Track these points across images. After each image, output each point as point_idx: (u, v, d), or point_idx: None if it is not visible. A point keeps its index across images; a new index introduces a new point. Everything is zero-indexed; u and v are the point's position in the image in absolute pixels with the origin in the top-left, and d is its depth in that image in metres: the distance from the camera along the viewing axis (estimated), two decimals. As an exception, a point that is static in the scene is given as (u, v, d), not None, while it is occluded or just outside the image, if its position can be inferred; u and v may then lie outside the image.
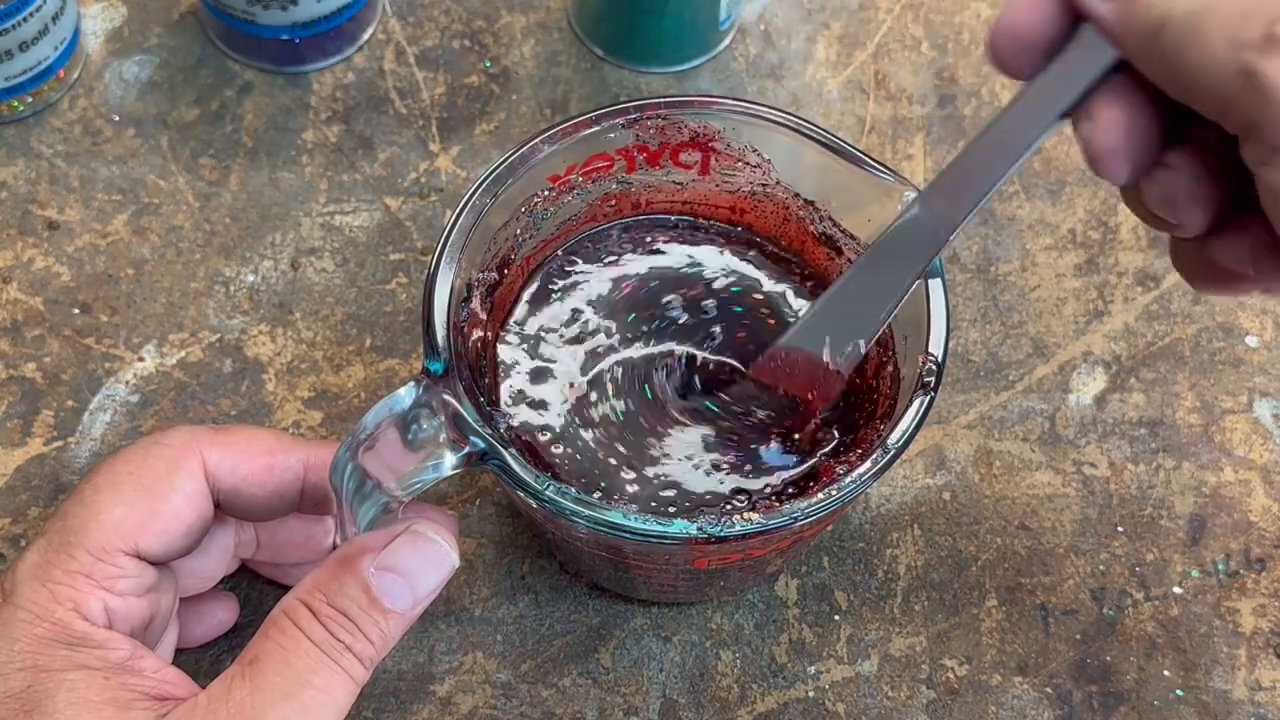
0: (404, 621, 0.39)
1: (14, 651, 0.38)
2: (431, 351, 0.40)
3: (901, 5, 0.61)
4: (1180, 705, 0.48)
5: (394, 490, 0.38)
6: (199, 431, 0.42)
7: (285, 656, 0.37)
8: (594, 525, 0.38)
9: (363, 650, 0.38)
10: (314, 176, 0.57)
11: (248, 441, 0.42)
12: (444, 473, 0.39)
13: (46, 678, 0.37)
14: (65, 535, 0.39)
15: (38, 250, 0.55)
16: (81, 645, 0.38)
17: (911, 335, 0.42)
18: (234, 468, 0.41)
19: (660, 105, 0.44)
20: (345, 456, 0.38)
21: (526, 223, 0.45)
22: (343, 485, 0.39)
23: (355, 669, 0.38)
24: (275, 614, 0.38)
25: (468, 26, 0.60)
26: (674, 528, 0.38)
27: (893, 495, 0.51)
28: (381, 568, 0.38)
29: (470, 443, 0.38)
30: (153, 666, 0.39)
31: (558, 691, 0.48)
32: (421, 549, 0.39)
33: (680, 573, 0.44)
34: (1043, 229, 0.56)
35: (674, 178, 0.47)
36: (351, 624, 0.38)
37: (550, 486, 0.38)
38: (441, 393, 0.39)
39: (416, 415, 0.39)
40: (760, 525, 0.38)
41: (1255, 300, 0.55)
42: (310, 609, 0.38)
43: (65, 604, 0.38)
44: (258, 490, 0.42)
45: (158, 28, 0.60)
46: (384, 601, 0.38)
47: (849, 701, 0.48)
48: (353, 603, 0.38)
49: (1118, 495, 0.51)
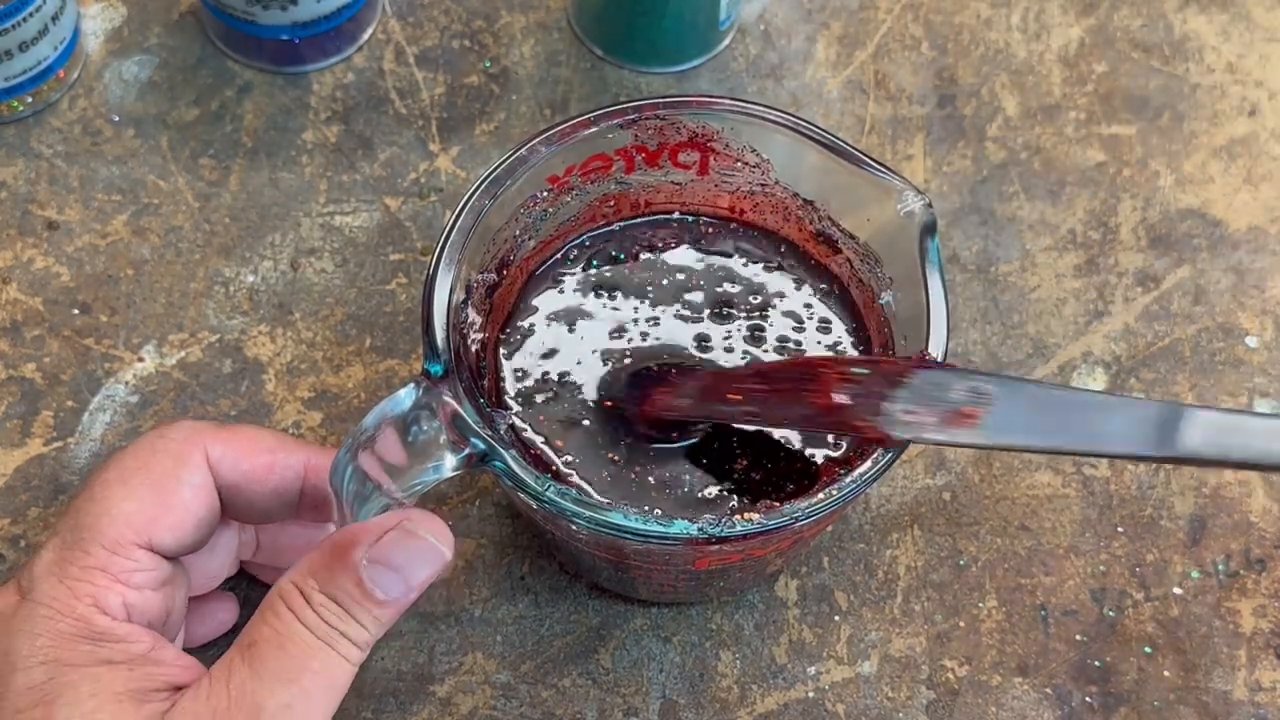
0: (399, 608, 0.39)
1: (36, 646, 0.38)
2: (431, 353, 0.40)
3: (901, 5, 0.61)
4: (1180, 705, 0.48)
5: (394, 492, 0.38)
6: (202, 426, 0.42)
7: (281, 642, 0.38)
8: (595, 526, 0.38)
9: (357, 635, 0.38)
10: (314, 176, 0.57)
11: (250, 439, 0.42)
12: (444, 474, 0.39)
13: (69, 670, 0.38)
14: (79, 532, 0.40)
15: (37, 250, 0.55)
16: (103, 640, 0.38)
17: (911, 335, 0.42)
18: (236, 463, 0.42)
19: (659, 106, 0.44)
20: (345, 458, 0.38)
21: (526, 224, 0.45)
22: (343, 487, 0.39)
23: (351, 652, 0.38)
24: (271, 597, 0.39)
25: (468, 26, 0.60)
26: (675, 528, 0.38)
27: (893, 495, 0.51)
28: (373, 561, 0.38)
29: (470, 444, 0.38)
30: (173, 657, 0.39)
31: (558, 692, 0.48)
32: (412, 546, 0.39)
33: (680, 573, 0.44)
34: (1043, 229, 0.56)
35: (673, 178, 0.46)
36: (344, 611, 0.38)
37: (551, 487, 0.38)
38: (442, 394, 0.39)
39: (416, 417, 0.39)
40: (761, 525, 0.38)
41: (1255, 300, 0.55)
42: (304, 594, 0.38)
43: (85, 599, 0.39)
44: (258, 487, 0.42)
45: (157, 28, 0.60)
46: (376, 593, 0.38)
47: (849, 702, 0.48)
48: (345, 593, 0.38)
49: (1118, 495, 0.51)
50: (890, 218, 0.42)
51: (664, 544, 0.39)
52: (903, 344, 0.43)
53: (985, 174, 0.57)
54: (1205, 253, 0.56)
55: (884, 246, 0.44)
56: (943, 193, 0.57)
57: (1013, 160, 0.58)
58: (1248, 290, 0.55)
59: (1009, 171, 0.58)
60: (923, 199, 0.42)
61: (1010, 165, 0.58)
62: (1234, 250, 0.56)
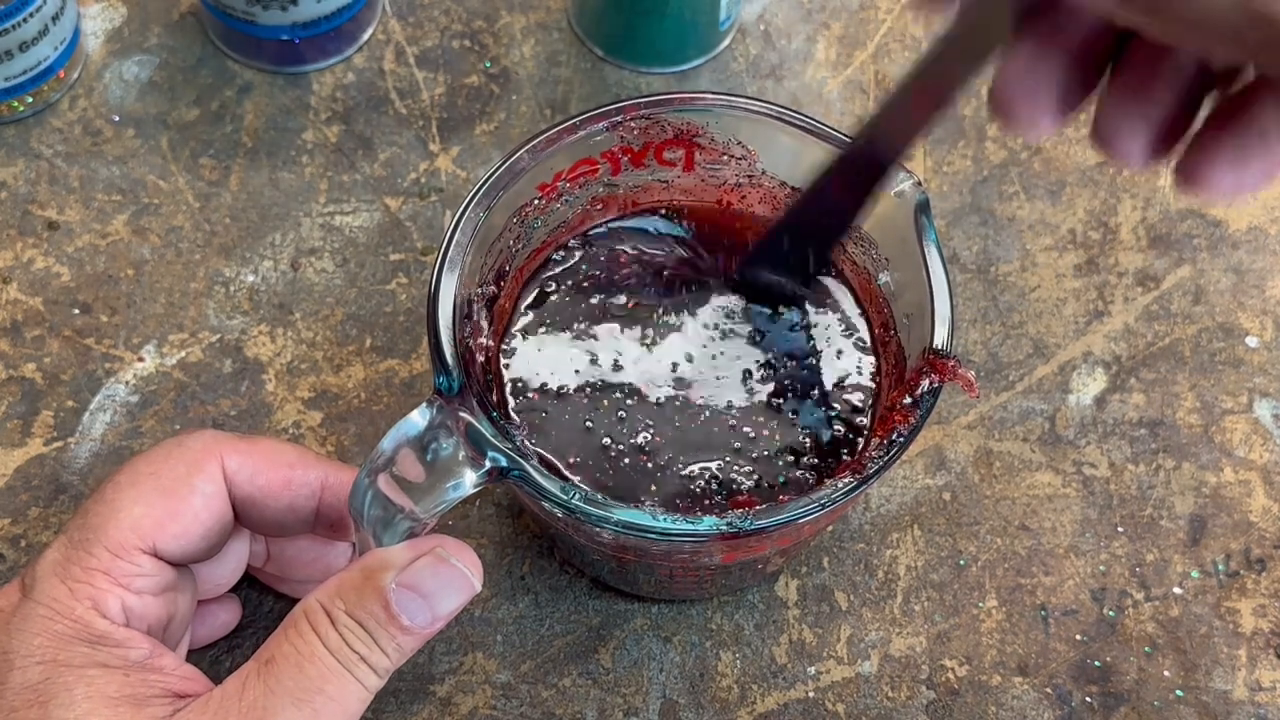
0: (422, 638, 0.39)
1: (33, 645, 0.38)
2: (441, 370, 0.39)
3: (901, 5, 0.61)
4: (1180, 705, 0.48)
5: (417, 513, 0.38)
6: (222, 436, 0.42)
7: (300, 661, 0.37)
8: (622, 529, 0.38)
9: (377, 662, 0.38)
10: (314, 176, 0.57)
11: (269, 452, 0.42)
12: (465, 491, 0.38)
13: (65, 672, 0.37)
14: (85, 533, 0.40)
15: (38, 250, 0.55)
16: (101, 643, 0.38)
17: (913, 315, 0.42)
18: (252, 476, 0.41)
19: (641, 105, 0.44)
20: (365, 483, 0.38)
21: (519, 232, 0.45)
22: (364, 511, 0.38)
23: (369, 679, 0.38)
24: (295, 614, 0.38)
25: (468, 26, 0.60)
26: (703, 525, 0.38)
27: (893, 495, 0.51)
28: (402, 585, 0.38)
29: (489, 458, 0.38)
30: (172, 664, 0.39)
31: (558, 692, 0.48)
32: (443, 573, 0.39)
33: (694, 568, 0.44)
34: (1043, 229, 0.56)
35: (659, 176, 0.47)
36: (368, 636, 0.38)
37: (576, 494, 0.38)
38: (456, 411, 0.39)
39: (433, 436, 0.38)
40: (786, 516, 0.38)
41: (1255, 300, 0.55)
42: (329, 615, 0.38)
43: (84, 601, 0.39)
44: (273, 502, 0.42)
45: (158, 28, 0.60)
46: (402, 619, 0.38)
47: (849, 702, 0.48)
48: (371, 617, 0.38)
49: (1118, 495, 0.51)
50: (881, 200, 0.43)
51: (692, 541, 0.39)
52: (904, 322, 0.43)
53: (985, 174, 0.57)
54: (1205, 253, 0.56)
55: (877, 228, 0.44)
56: (943, 193, 0.57)
57: (1013, 160, 0.58)
58: (1248, 290, 0.55)
59: (1009, 171, 0.58)
60: (911, 178, 0.42)
61: (1010, 165, 0.58)
62: (1234, 250, 0.56)
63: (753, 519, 0.38)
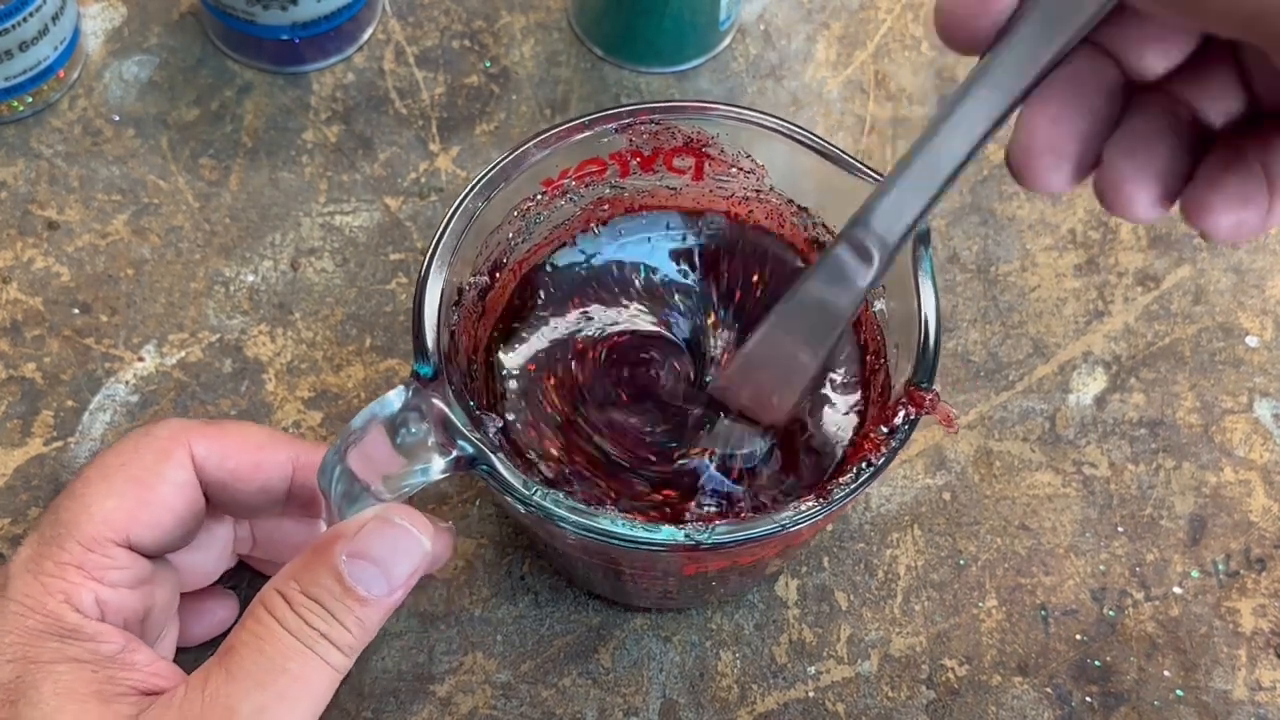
0: (382, 608, 0.38)
1: (5, 643, 0.38)
2: (421, 355, 0.39)
3: (901, 5, 0.61)
4: (1180, 705, 0.48)
5: (382, 493, 0.38)
6: (188, 424, 0.42)
7: (259, 645, 0.37)
8: (581, 531, 0.38)
9: (339, 637, 0.38)
10: (314, 176, 0.57)
11: (238, 435, 0.42)
12: (432, 476, 0.38)
13: (35, 669, 0.37)
14: (57, 528, 0.39)
15: (38, 250, 0.55)
16: (73, 638, 0.38)
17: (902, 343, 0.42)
18: (222, 460, 0.41)
19: (653, 110, 0.44)
20: (333, 459, 0.38)
21: (519, 226, 0.45)
22: (331, 488, 0.38)
23: (333, 656, 0.38)
24: (253, 604, 0.38)
25: (468, 26, 0.60)
26: (661, 534, 0.38)
27: (893, 495, 0.51)
28: (353, 555, 0.38)
29: (458, 447, 0.38)
30: (145, 660, 0.39)
31: (558, 692, 0.48)
32: (389, 535, 0.38)
33: (673, 579, 0.44)
34: (1043, 229, 0.56)
35: (668, 183, 0.46)
36: (326, 612, 0.37)
37: (538, 492, 0.38)
38: (431, 396, 0.39)
39: (405, 419, 0.38)
40: (746, 533, 0.38)
41: (1255, 300, 0.55)
42: (285, 597, 0.38)
43: (57, 595, 0.38)
44: (244, 485, 0.42)
45: (158, 28, 0.60)
46: (358, 590, 0.37)
47: (849, 702, 0.48)
48: (326, 592, 0.37)
49: (1118, 495, 0.51)
50: None
51: (651, 550, 0.39)
52: (894, 351, 0.43)
53: (985, 174, 0.57)
54: (1205, 252, 0.56)
55: None
56: (943, 193, 0.57)
57: (1013, 160, 0.58)
58: (1248, 290, 0.55)
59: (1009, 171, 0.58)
60: None
61: (1010, 165, 0.58)
62: (1234, 250, 0.56)
63: (711, 533, 0.38)
